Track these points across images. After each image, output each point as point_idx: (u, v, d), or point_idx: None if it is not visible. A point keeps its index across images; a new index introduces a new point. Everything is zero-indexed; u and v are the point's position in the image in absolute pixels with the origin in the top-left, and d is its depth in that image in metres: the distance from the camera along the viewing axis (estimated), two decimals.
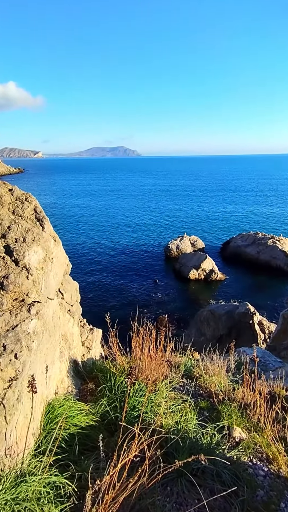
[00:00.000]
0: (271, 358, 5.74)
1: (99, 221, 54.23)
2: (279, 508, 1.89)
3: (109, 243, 40.52)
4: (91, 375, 3.80)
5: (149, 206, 69.16)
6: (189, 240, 35.24)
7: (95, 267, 32.24)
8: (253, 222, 51.97)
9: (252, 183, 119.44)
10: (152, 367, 3.42)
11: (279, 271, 29.72)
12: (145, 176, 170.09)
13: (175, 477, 2.09)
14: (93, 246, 39.06)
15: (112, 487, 1.75)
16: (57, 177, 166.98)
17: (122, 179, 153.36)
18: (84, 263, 33.31)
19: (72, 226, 50.37)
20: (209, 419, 2.89)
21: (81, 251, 37.30)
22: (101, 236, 43.96)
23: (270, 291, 26.66)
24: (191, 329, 17.94)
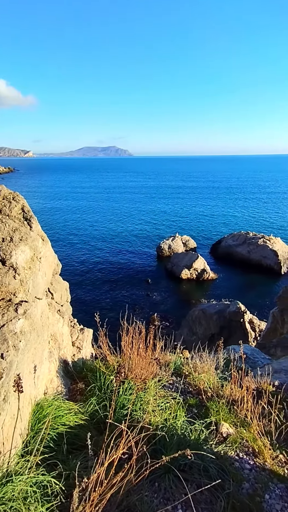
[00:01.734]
0: (260, 356, 5.83)
1: (90, 221, 53.97)
2: (264, 500, 1.93)
3: (101, 243, 40.38)
4: (81, 375, 3.80)
5: (141, 206, 69.22)
6: (181, 240, 35.44)
7: (86, 267, 32.09)
8: (244, 221, 52.63)
9: (243, 183, 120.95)
10: (142, 365, 3.44)
11: (270, 270, 30.20)
12: (137, 176, 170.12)
13: (163, 473, 2.12)
14: (84, 246, 38.85)
15: (100, 484, 1.76)
16: (47, 177, 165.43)
17: (113, 179, 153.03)
18: (75, 263, 33.10)
19: (63, 226, 49.98)
20: (197, 416, 2.92)
21: (71, 251, 37.06)
22: (92, 236, 43.76)
23: (261, 290, 27.05)
24: (183, 329, 18.05)
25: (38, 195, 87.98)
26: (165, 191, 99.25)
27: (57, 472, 1.97)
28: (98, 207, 68.80)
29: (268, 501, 1.92)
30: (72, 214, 59.80)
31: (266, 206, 66.78)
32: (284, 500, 1.93)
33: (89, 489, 1.71)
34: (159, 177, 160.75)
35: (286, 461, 2.29)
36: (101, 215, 59.19)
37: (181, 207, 67.26)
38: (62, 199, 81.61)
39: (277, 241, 32.22)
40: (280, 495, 1.97)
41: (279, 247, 31.30)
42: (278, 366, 4.10)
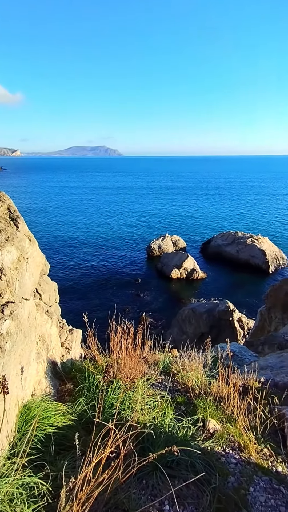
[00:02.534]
0: (248, 353, 5.95)
1: (79, 221, 53.56)
2: (248, 492, 1.98)
3: (90, 243, 40.14)
4: (69, 376, 3.78)
5: (130, 206, 69.18)
6: (171, 240, 35.63)
7: (76, 267, 31.83)
8: (232, 221, 53.38)
9: (231, 183, 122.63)
10: (131, 365, 3.45)
11: (258, 270, 30.75)
12: (126, 176, 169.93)
13: (151, 471, 2.14)
14: (74, 247, 38.53)
15: (87, 483, 1.77)
16: (35, 176, 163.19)
17: (103, 179, 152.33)
18: (64, 263, 32.78)
19: (51, 226, 49.43)
20: (185, 413, 2.96)
21: (61, 251, 36.68)
22: (82, 236, 43.44)
23: (249, 288, 27.51)
24: (173, 328, 18.16)
25: (25, 195, 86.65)
26: (155, 191, 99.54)
27: (44, 473, 1.96)
28: (87, 207, 68.35)
29: (252, 494, 1.97)
30: (60, 214, 59.20)
31: (254, 206, 67.95)
32: (267, 492, 1.99)
33: (76, 489, 1.72)
34: (148, 177, 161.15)
35: (270, 454, 2.36)
36: (90, 215, 58.85)
37: (171, 207, 67.62)
38: (50, 199, 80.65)
39: (265, 241, 32.84)
40: (264, 487, 2.02)
41: (266, 247, 31.91)
42: (264, 363, 4.19)
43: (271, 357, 4.41)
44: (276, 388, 3.35)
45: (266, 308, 13.39)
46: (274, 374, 3.65)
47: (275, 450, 2.39)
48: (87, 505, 1.67)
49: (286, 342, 7.68)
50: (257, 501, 1.92)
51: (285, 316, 12.35)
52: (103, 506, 1.78)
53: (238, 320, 16.95)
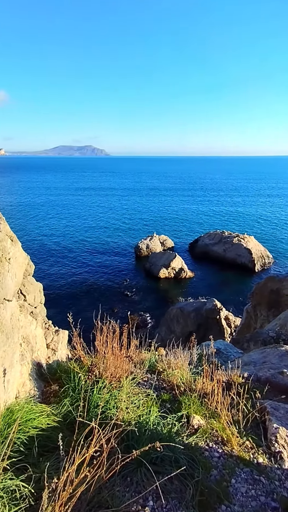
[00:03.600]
0: (233, 350, 6.06)
1: (66, 221, 52.95)
2: (230, 484, 2.03)
3: (77, 243, 39.75)
4: (55, 377, 3.74)
5: (118, 206, 68.99)
6: (159, 240, 35.77)
7: (63, 267, 31.45)
8: (219, 220, 54.17)
9: (216, 183, 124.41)
10: (117, 364, 3.46)
11: (244, 268, 31.33)
12: (114, 176, 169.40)
13: (135, 468, 2.15)
14: (60, 247, 38.06)
15: (70, 483, 1.76)
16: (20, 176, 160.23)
17: (90, 178, 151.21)
18: (51, 263, 32.33)
19: (35, 226, 48.66)
20: (170, 410, 2.99)
21: (47, 251, 36.15)
22: (68, 236, 42.96)
23: (236, 287, 28.00)
24: (161, 327, 18.25)
25: (8, 195, 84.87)
26: (142, 191, 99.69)
27: (26, 475, 1.94)
28: (73, 207, 67.66)
29: (234, 485, 2.02)
30: (46, 214, 58.35)
31: (239, 206, 69.21)
32: (248, 483, 2.05)
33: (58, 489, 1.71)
34: (135, 177, 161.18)
35: (252, 446, 2.42)
36: (77, 215, 58.29)
37: (158, 207, 67.90)
38: (35, 198, 79.37)
39: (251, 240, 33.51)
40: (245, 479, 2.08)
41: (252, 246, 32.56)
42: (248, 359, 4.29)
43: (255, 353, 4.52)
44: (259, 382, 3.44)
45: (252, 306, 13.68)
46: (257, 370, 3.74)
47: (257, 443, 2.46)
48: (69, 505, 1.67)
49: (270, 338, 7.87)
50: (238, 492, 1.97)
51: (270, 313, 12.66)
52: (86, 505, 1.78)
53: (225, 318, 17.22)
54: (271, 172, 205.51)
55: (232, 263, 32.05)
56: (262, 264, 32.02)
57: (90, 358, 3.61)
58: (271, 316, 12.19)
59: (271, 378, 3.41)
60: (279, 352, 4.08)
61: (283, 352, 4.06)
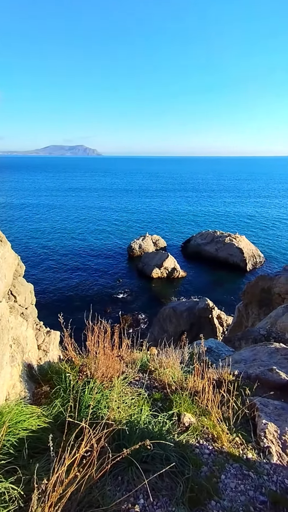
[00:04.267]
0: (224, 348, 6.12)
1: (58, 221, 52.51)
2: (220, 480, 2.06)
3: (70, 243, 39.48)
4: (46, 378, 3.71)
5: (110, 206, 68.80)
6: (151, 240, 35.83)
7: (54, 268, 31.19)
8: (211, 220, 54.60)
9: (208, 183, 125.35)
10: (108, 364, 3.46)
11: (236, 267, 31.65)
12: (105, 176, 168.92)
13: (126, 467, 2.16)
14: (53, 247, 37.72)
15: (60, 484, 1.76)
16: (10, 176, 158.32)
17: (82, 178, 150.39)
18: (42, 264, 32.01)
19: (26, 227, 48.13)
20: (162, 409, 3.01)
21: (39, 252, 35.79)
22: (61, 236, 42.62)
23: (228, 286, 28.27)
24: (154, 327, 18.29)
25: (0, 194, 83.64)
26: (134, 189, 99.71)
27: (15, 477, 1.92)
28: (65, 207, 67.14)
29: (224, 481, 2.05)
30: (37, 215, 57.75)
31: (230, 205, 69.89)
32: (238, 478, 2.08)
33: (48, 490, 1.70)
34: (127, 177, 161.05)
35: (241, 442, 2.46)
36: (69, 215, 57.88)
37: (150, 207, 68.02)
38: (26, 198, 78.49)
39: (242, 239, 33.88)
40: (235, 474, 2.11)
41: (244, 245, 32.93)
42: (239, 357, 4.34)
43: (245, 351, 4.58)
44: (249, 380, 3.49)
45: (243, 305, 13.83)
46: (247, 367, 3.79)
47: (246, 439, 2.50)
48: (59, 505, 1.66)
49: (261, 336, 7.98)
50: (228, 487, 2.00)
51: (261, 312, 12.82)
52: (77, 505, 1.78)
53: (217, 317, 17.38)
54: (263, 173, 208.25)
55: (224, 263, 32.36)
56: (253, 263, 32.42)
57: (82, 358, 3.60)
58: (262, 315, 12.35)
59: (260, 375, 3.47)
60: (269, 350, 4.14)
61: (273, 349, 4.13)
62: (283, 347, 4.22)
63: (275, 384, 3.31)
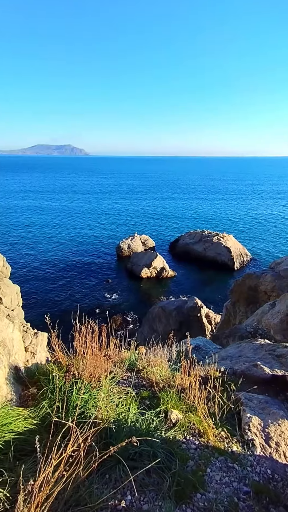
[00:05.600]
0: (212, 346, 6.22)
1: (45, 222, 51.78)
2: (206, 473, 2.11)
3: (57, 244, 39.01)
4: (33, 380, 3.68)
5: (98, 206, 68.42)
6: (140, 239, 35.87)
7: (42, 269, 30.75)
8: (199, 220, 55.16)
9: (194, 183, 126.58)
10: (96, 364, 3.46)
11: (224, 266, 32.11)
12: (93, 176, 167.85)
13: (113, 465, 2.18)
14: (39, 248, 37.17)
15: (47, 484, 1.76)
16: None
17: (69, 178, 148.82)
18: (29, 265, 31.50)
19: (12, 227, 47.27)
20: (150, 407, 3.04)
21: (25, 253, 35.20)
22: (48, 237, 42.06)
23: (216, 285, 28.65)
24: (144, 326, 18.34)
25: None
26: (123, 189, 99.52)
27: (1, 480, 1.91)
28: (52, 207, 66.27)
29: (209, 474, 2.10)
30: (23, 215, 56.76)
31: (217, 205, 70.84)
32: (223, 470, 2.13)
33: (35, 491, 1.70)
34: (115, 177, 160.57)
35: (227, 436, 2.52)
36: (56, 216, 57.17)
37: (139, 207, 68.05)
38: (12, 199, 76.94)
39: (230, 238, 34.40)
40: (220, 467, 2.17)
41: (231, 244, 33.44)
42: (225, 354, 4.43)
43: (231, 348, 4.67)
44: (235, 376, 3.57)
45: (231, 303, 14.07)
46: (233, 363, 3.88)
47: (231, 432, 2.56)
48: (46, 505, 1.67)
49: (248, 333, 8.15)
50: (213, 480, 2.05)
51: (248, 309, 13.08)
52: (64, 504, 1.78)
53: (205, 316, 17.59)
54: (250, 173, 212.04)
55: (213, 262, 32.76)
56: (241, 262, 32.97)
57: (69, 359, 3.58)
58: (249, 312, 12.59)
59: (246, 371, 3.55)
60: (254, 346, 4.24)
61: (257, 345, 4.23)
62: (267, 343, 4.33)
63: (260, 379, 3.40)
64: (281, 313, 6.34)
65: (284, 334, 5.93)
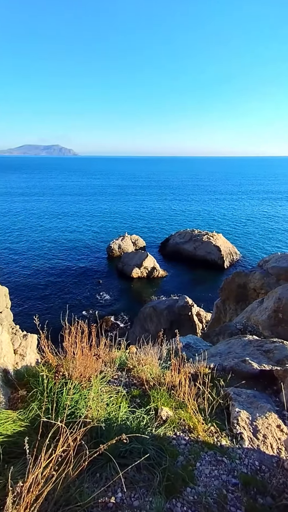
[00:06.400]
0: (202, 344, 6.29)
1: (33, 222, 51.10)
2: (195, 467, 2.14)
3: (46, 245, 38.55)
4: (22, 382, 3.64)
5: (87, 207, 68.00)
6: (130, 239, 35.84)
7: (31, 270, 30.32)
8: (188, 219, 55.55)
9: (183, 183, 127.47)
10: (86, 364, 3.45)
11: (214, 265, 32.43)
12: (82, 176, 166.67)
13: (104, 463, 2.18)
14: (28, 249, 36.65)
15: (36, 485, 1.75)
16: None
17: (58, 179, 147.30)
18: (18, 267, 31.02)
19: (3, 228, 46.37)
20: (140, 405, 3.06)
21: (13, 254, 34.64)
22: (37, 238, 41.52)
23: (207, 283, 28.90)
24: (135, 326, 18.34)
25: None
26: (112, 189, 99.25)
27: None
28: (41, 208, 65.45)
29: (199, 468, 2.14)
30: (11, 216, 55.80)
31: (206, 204, 71.52)
32: (212, 464, 2.17)
33: (24, 492, 1.69)
34: (104, 177, 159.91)
35: (216, 431, 2.56)
36: (45, 216, 56.50)
37: (129, 207, 67.97)
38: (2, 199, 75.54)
39: (219, 237, 34.79)
40: (209, 461, 2.20)
41: (221, 243, 33.83)
42: (215, 351, 4.49)
43: (221, 345, 4.74)
44: (224, 372, 3.62)
45: (221, 301, 14.23)
46: (222, 360, 3.93)
47: (220, 427, 2.61)
48: (35, 506, 1.66)
49: (238, 330, 8.27)
50: (203, 474, 2.09)
51: (238, 307, 13.26)
52: (54, 504, 1.78)
53: (196, 314, 17.74)
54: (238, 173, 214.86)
55: (203, 261, 33.05)
56: (230, 260, 33.40)
57: (59, 360, 3.56)
58: (239, 310, 12.77)
59: (235, 367, 3.62)
60: (243, 342, 4.32)
61: (246, 341, 4.31)
62: (255, 339, 4.42)
63: (248, 374, 3.47)
64: (269, 310, 6.47)
65: (272, 330, 6.05)
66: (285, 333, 5.60)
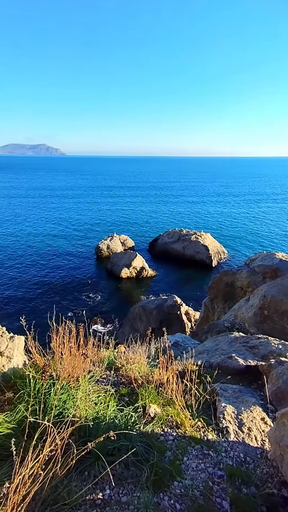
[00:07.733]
0: (190, 342, 6.37)
1: (20, 223, 50.16)
2: (182, 462, 2.19)
3: (34, 245, 37.95)
4: (9, 384, 3.59)
5: (75, 207, 67.38)
6: (119, 240, 35.76)
7: (18, 272, 29.78)
8: (177, 219, 55.93)
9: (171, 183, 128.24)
10: (74, 364, 3.44)
11: (202, 264, 32.80)
12: (70, 176, 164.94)
13: (93, 461, 2.19)
14: (15, 250, 35.98)
15: (23, 485, 1.74)
16: None
17: (44, 178, 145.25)
18: (4, 268, 30.39)
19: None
20: (129, 403, 3.08)
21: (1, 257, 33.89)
22: (24, 238, 40.80)
23: (195, 282, 29.19)
24: (125, 326, 18.33)
25: None
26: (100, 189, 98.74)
27: None
28: (28, 208, 64.34)
29: (186, 462, 2.18)
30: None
31: (194, 204, 72.22)
32: (198, 458, 2.22)
33: (10, 493, 1.68)
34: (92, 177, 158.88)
35: (203, 426, 2.62)
36: (32, 217, 55.57)
37: (117, 207, 67.79)
38: None
39: (207, 237, 35.21)
40: (196, 455, 2.25)
41: (209, 242, 34.24)
42: (202, 348, 4.56)
43: (208, 342, 4.82)
44: (211, 368, 3.69)
45: (209, 299, 14.42)
46: (210, 357, 4.01)
47: (207, 422, 2.67)
48: (22, 506, 1.65)
49: (225, 328, 8.41)
50: (190, 468, 2.13)
51: (226, 305, 13.47)
52: (41, 504, 1.78)
53: (185, 313, 17.90)
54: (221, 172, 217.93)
55: (191, 260, 33.37)
56: (218, 259, 33.86)
57: (46, 360, 3.54)
58: (227, 308, 12.97)
59: (221, 363, 3.69)
60: (229, 339, 4.41)
61: (232, 338, 4.40)
62: (241, 335, 4.52)
63: (234, 369, 3.55)
64: (255, 307, 6.62)
65: (258, 326, 6.20)
66: (270, 330, 5.76)
